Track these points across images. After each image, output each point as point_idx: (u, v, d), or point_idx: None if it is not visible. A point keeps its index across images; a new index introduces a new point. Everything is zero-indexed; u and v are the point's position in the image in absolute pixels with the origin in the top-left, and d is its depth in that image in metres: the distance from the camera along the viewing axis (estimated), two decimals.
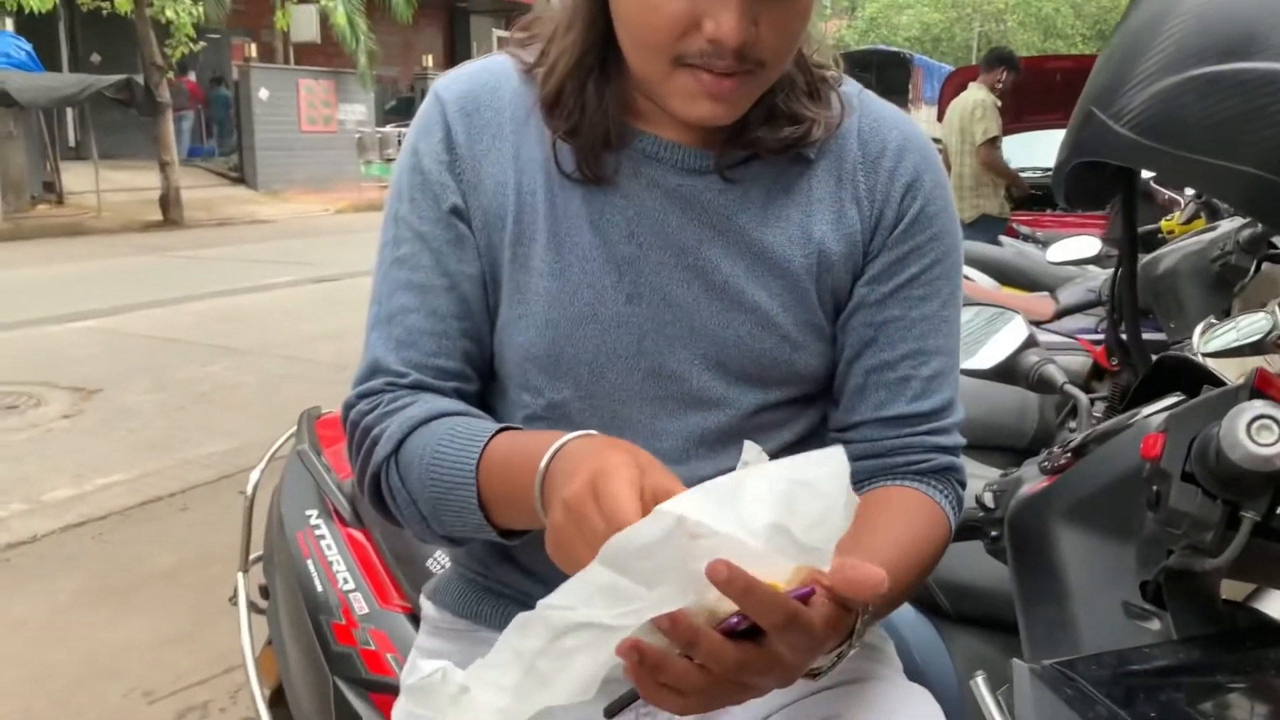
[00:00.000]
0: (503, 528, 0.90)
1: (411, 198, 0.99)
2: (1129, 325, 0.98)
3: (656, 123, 0.97)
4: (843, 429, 1.02)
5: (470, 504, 0.89)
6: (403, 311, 0.98)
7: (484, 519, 0.89)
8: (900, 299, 0.98)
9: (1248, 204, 0.69)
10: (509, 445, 0.88)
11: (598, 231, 0.96)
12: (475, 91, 1.00)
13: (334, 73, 19.25)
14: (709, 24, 0.83)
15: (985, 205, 6.41)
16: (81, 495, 4.30)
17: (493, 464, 0.88)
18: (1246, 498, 0.75)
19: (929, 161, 1.00)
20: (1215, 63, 0.67)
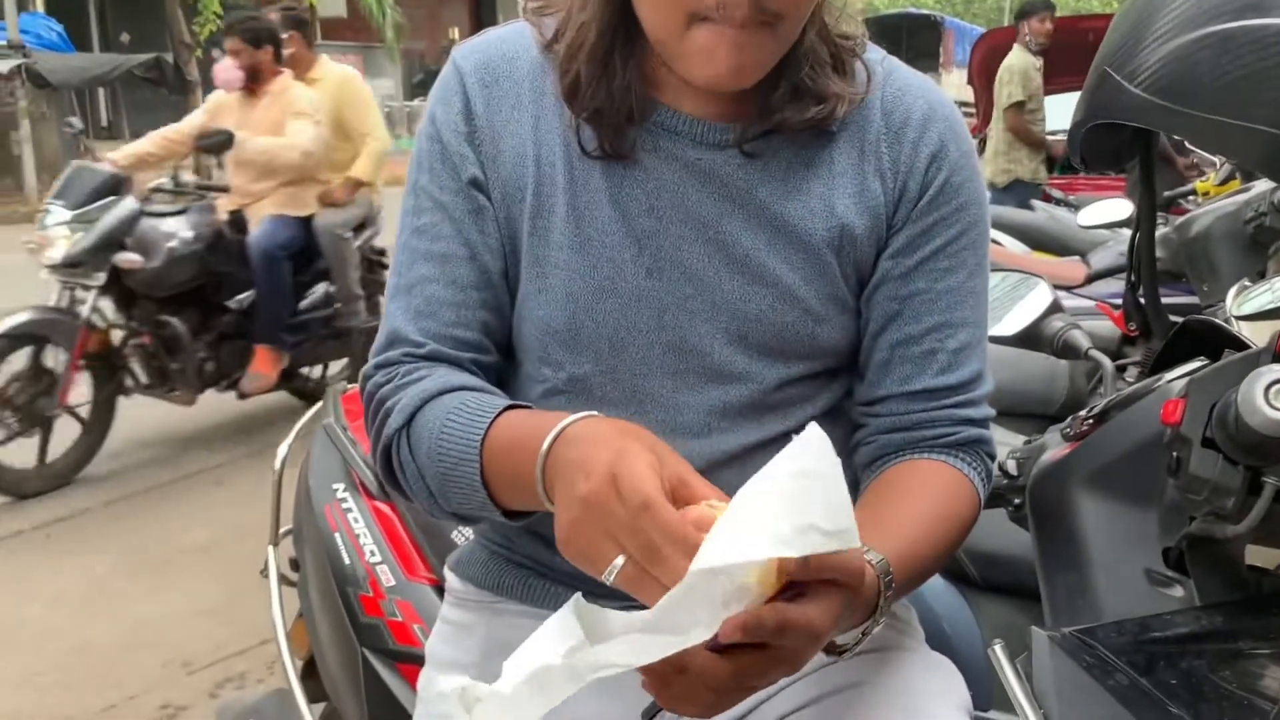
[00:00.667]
0: (506, 508, 0.89)
1: (431, 168, 0.99)
2: (1147, 289, 0.97)
3: (677, 96, 0.95)
4: (869, 403, 1.01)
5: (474, 482, 0.88)
6: (422, 281, 0.98)
7: (487, 498, 0.88)
8: (926, 271, 0.97)
9: (1265, 164, 0.67)
10: (513, 425, 0.87)
11: (617, 205, 0.95)
12: (494, 62, 0.99)
13: (361, 47, 19.25)
14: None
15: (1018, 170, 6.33)
16: (117, 471, 4.37)
17: (497, 443, 0.87)
18: (1268, 463, 0.74)
19: (954, 131, 0.97)
20: (1230, 19, 0.66)
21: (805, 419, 0.99)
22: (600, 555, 0.72)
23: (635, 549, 0.70)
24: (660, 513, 0.68)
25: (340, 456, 1.69)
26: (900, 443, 0.99)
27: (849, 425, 1.04)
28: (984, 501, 0.99)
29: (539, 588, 1.07)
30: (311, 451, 1.77)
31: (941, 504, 0.94)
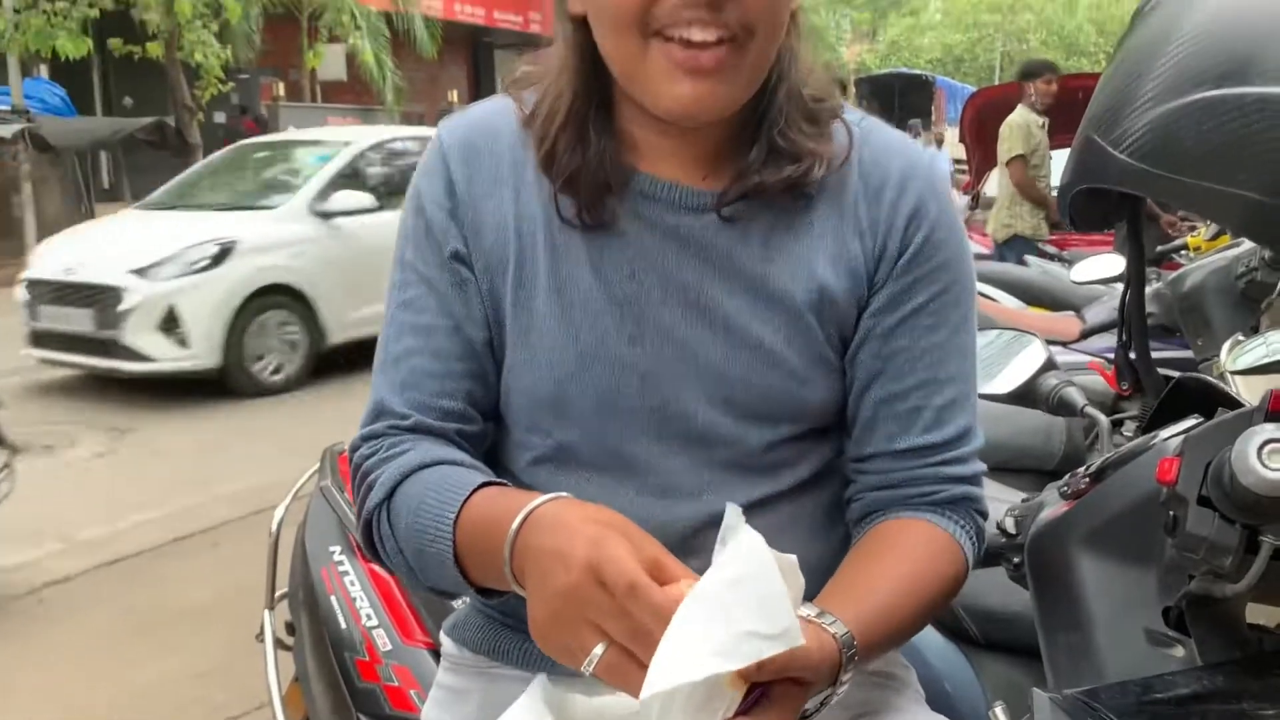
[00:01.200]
0: (479, 585, 0.89)
1: (416, 242, 1.00)
2: (1138, 349, 0.98)
3: (654, 161, 0.97)
4: (857, 460, 1.01)
5: (447, 560, 0.88)
6: (407, 354, 0.99)
7: (460, 576, 0.88)
8: (908, 329, 0.97)
9: (1248, 228, 0.68)
10: (485, 504, 0.88)
11: (598, 273, 0.96)
12: (476, 137, 1.00)
13: (361, 109, 19.47)
14: None
15: (1018, 225, 6.38)
16: (114, 533, 4.34)
17: (469, 521, 0.87)
18: (1264, 521, 0.74)
19: (933, 189, 0.98)
20: (1212, 87, 0.67)
21: (796, 480, 1.00)
22: (581, 645, 0.73)
23: (623, 634, 0.71)
24: (648, 594, 0.69)
25: (337, 519, 1.69)
26: (888, 500, 0.99)
27: (841, 483, 1.04)
28: (975, 559, 0.99)
29: (534, 652, 1.06)
30: (308, 514, 1.76)
31: (921, 564, 0.94)
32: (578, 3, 0.91)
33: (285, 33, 18.32)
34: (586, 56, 0.93)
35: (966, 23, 36.54)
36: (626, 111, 0.96)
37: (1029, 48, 35.85)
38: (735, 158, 0.95)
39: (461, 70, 25.60)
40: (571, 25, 0.93)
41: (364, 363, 1.11)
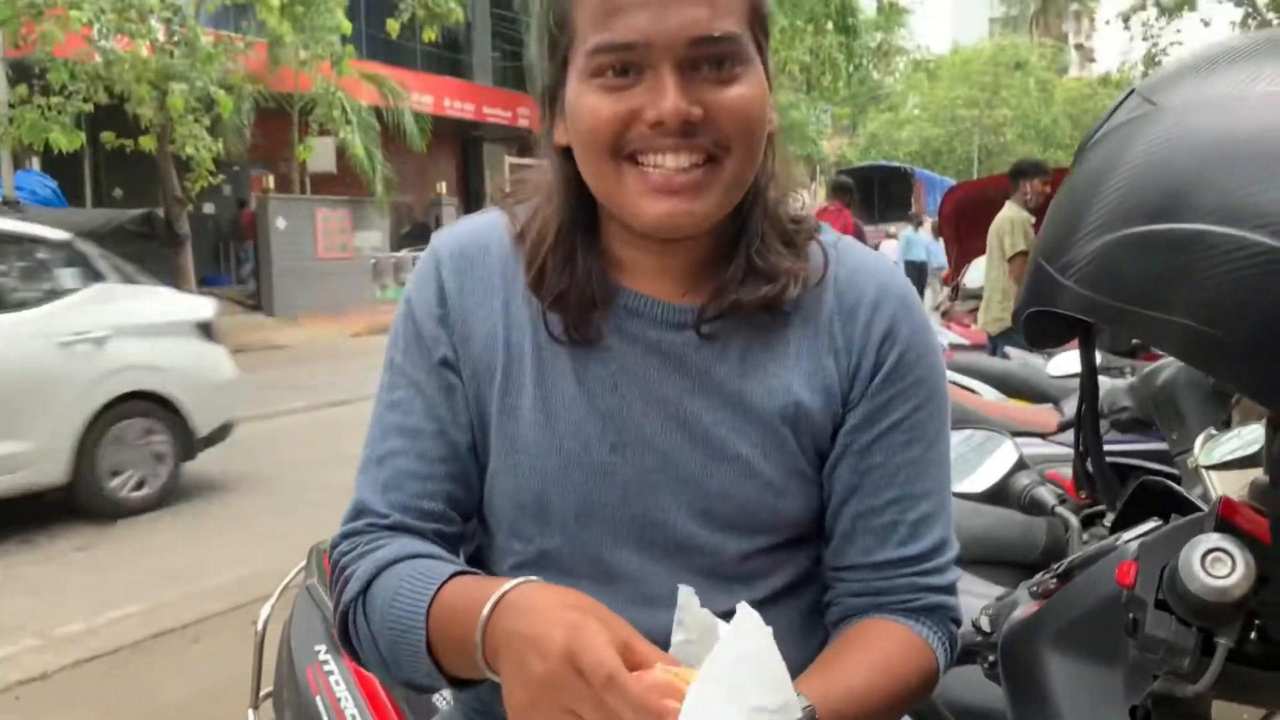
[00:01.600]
0: (452, 675, 0.91)
1: (406, 346, 1.04)
2: (1093, 455, 1.02)
3: (637, 278, 1.01)
4: (835, 569, 1.04)
5: (420, 649, 0.90)
6: (392, 455, 1.02)
7: (433, 666, 0.90)
8: (883, 446, 1.01)
9: (1185, 353, 0.73)
10: (458, 592, 0.90)
11: (582, 384, 1.00)
12: (469, 250, 1.05)
13: (350, 201, 19.73)
14: (649, 111, 0.88)
15: (1010, 319, 6.48)
16: (93, 629, 4.29)
17: (442, 609, 0.89)
18: (1218, 625, 0.77)
19: (906, 309, 1.02)
20: (1147, 223, 0.73)
21: (772, 590, 1.03)
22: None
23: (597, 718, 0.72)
24: (626, 685, 0.71)
25: (322, 617, 1.69)
26: (865, 606, 1.02)
27: (818, 590, 1.07)
28: (947, 664, 1.02)
29: None
30: (294, 612, 1.77)
31: (894, 658, 0.97)
32: (563, 134, 0.97)
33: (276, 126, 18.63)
34: (573, 183, 0.98)
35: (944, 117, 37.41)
36: (611, 231, 1.01)
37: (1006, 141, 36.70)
38: (714, 274, 0.99)
39: (450, 163, 26.01)
40: (558, 154, 0.98)
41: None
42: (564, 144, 0.97)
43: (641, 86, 0.89)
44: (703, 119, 0.89)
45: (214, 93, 13.57)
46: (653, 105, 0.88)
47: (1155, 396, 2.51)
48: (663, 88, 0.88)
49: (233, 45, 14.49)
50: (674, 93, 0.87)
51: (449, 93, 23.61)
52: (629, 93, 0.89)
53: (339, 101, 16.88)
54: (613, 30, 0.88)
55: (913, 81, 41.75)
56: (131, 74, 13.08)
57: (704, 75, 0.89)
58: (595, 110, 0.90)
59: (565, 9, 0.93)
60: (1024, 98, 37.46)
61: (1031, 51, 40.55)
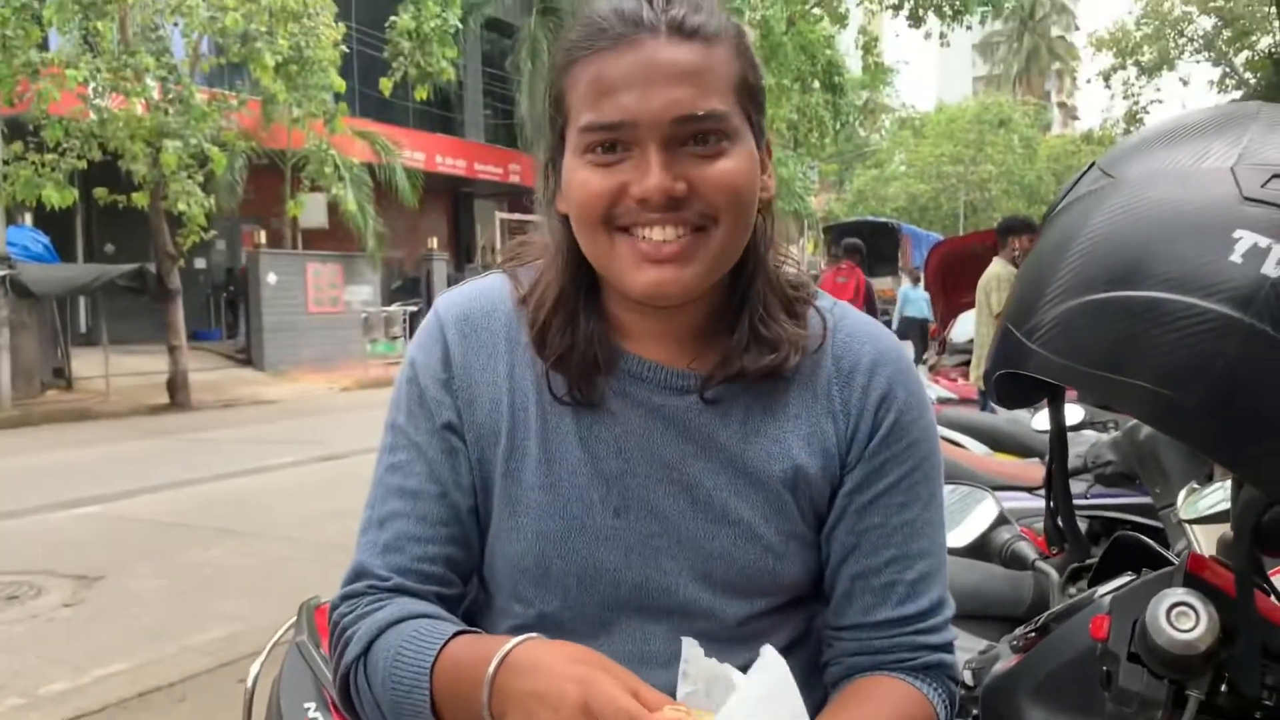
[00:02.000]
0: None
1: (409, 409, 1.06)
2: (1063, 513, 1.05)
3: (640, 343, 1.03)
4: (834, 629, 1.06)
5: (424, 710, 0.91)
6: (393, 516, 1.03)
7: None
8: (880, 507, 1.03)
9: (1144, 413, 0.76)
10: (460, 651, 0.91)
11: (586, 448, 1.02)
12: (473, 314, 1.07)
13: (342, 256, 19.83)
14: (634, 187, 0.92)
15: None
16: (79, 688, 4.24)
17: (445, 668, 0.91)
18: (1189, 677, 0.80)
19: (902, 374, 1.05)
20: (1104, 290, 0.77)
21: None
22: None
23: None
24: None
25: (312, 675, 1.69)
26: (866, 664, 1.03)
27: (815, 650, 1.08)
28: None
29: None
30: (283, 669, 1.77)
31: (895, 713, 0.98)
32: (564, 204, 1.00)
33: (268, 182, 18.78)
34: (573, 248, 1.01)
35: (930, 173, 37.87)
36: (612, 295, 1.03)
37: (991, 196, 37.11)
38: (717, 341, 1.02)
39: (441, 218, 26.20)
40: (560, 221, 1.02)
41: None
42: (564, 212, 1.00)
43: (629, 163, 0.93)
44: (688, 192, 0.92)
45: (208, 149, 13.69)
46: (638, 182, 0.92)
47: (1138, 450, 2.53)
48: (647, 165, 0.91)
49: (227, 103, 14.65)
50: (658, 170, 0.91)
51: (440, 149, 23.85)
52: (617, 168, 0.93)
53: (331, 158, 17.05)
54: (601, 110, 0.92)
55: (899, 139, 42.35)
56: (126, 131, 13.20)
57: (689, 151, 0.93)
58: (586, 184, 0.94)
59: (561, 88, 0.97)
60: (1008, 154, 37.98)
61: (1015, 109, 41.21)
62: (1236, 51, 27.56)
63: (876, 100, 41.33)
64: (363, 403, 14.72)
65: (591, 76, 0.94)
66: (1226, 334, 0.70)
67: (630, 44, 0.93)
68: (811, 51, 22.19)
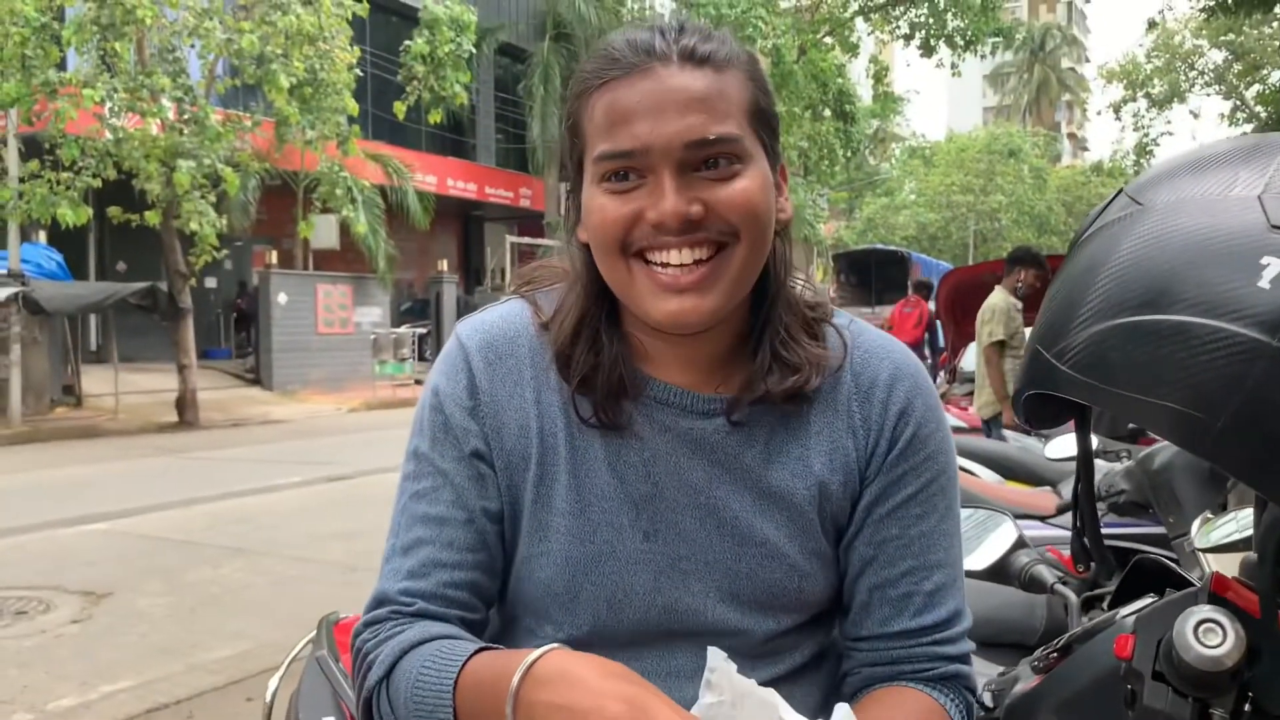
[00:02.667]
0: None
1: (433, 437, 1.06)
2: (1090, 533, 1.06)
3: (665, 369, 1.05)
4: (853, 640, 1.08)
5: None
6: (418, 544, 1.04)
7: None
8: (898, 518, 1.04)
9: (1173, 434, 0.78)
10: (483, 666, 0.91)
11: (615, 473, 1.03)
12: (497, 341, 1.07)
13: (352, 277, 19.92)
14: (650, 212, 0.93)
15: (1000, 404, 6.53)
16: (87, 704, 4.24)
17: (468, 685, 0.91)
18: (1213, 695, 0.81)
19: (919, 387, 1.07)
20: (1134, 314, 0.79)
21: (795, 664, 1.06)
22: None
23: None
24: None
25: (331, 689, 1.70)
26: (884, 675, 1.05)
27: (837, 663, 1.10)
28: None
29: None
30: (302, 683, 1.78)
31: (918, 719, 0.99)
32: (584, 233, 1.01)
33: (280, 203, 18.89)
34: (595, 277, 1.02)
35: (940, 202, 37.96)
36: (634, 321, 1.04)
37: (1000, 226, 37.17)
38: (740, 365, 1.03)
39: (452, 241, 26.32)
40: (580, 250, 1.03)
41: None
42: (585, 241, 1.01)
43: (644, 189, 0.94)
44: (705, 214, 0.94)
45: (221, 170, 13.80)
46: (653, 207, 0.93)
47: (1152, 480, 2.54)
48: (661, 191, 0.93)
49: (241, 124, 14.78)
50: (671, 195, 0.92)
51: (452, 173, 24.00)
52: (633, 195, 0.95)
53: (344, 180, 17.16)
54: (615, 139, 0.94)
55: (909, 167, 42.49)
56: (141, 151, 13.32)
57: (704, 175, 0.94)
58: (603, 211, 0.96)
59: (578, 118, 0.99)
60: (1018, 184, 38.07)
61: (1025, 139, 41.34)
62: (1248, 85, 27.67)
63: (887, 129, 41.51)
64: (371, 424, 14.75)
65: (606, 106, 0.95)
66: (1254, 357, 0.72)
67: (643, 73, 0.94)
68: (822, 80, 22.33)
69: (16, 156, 13.53)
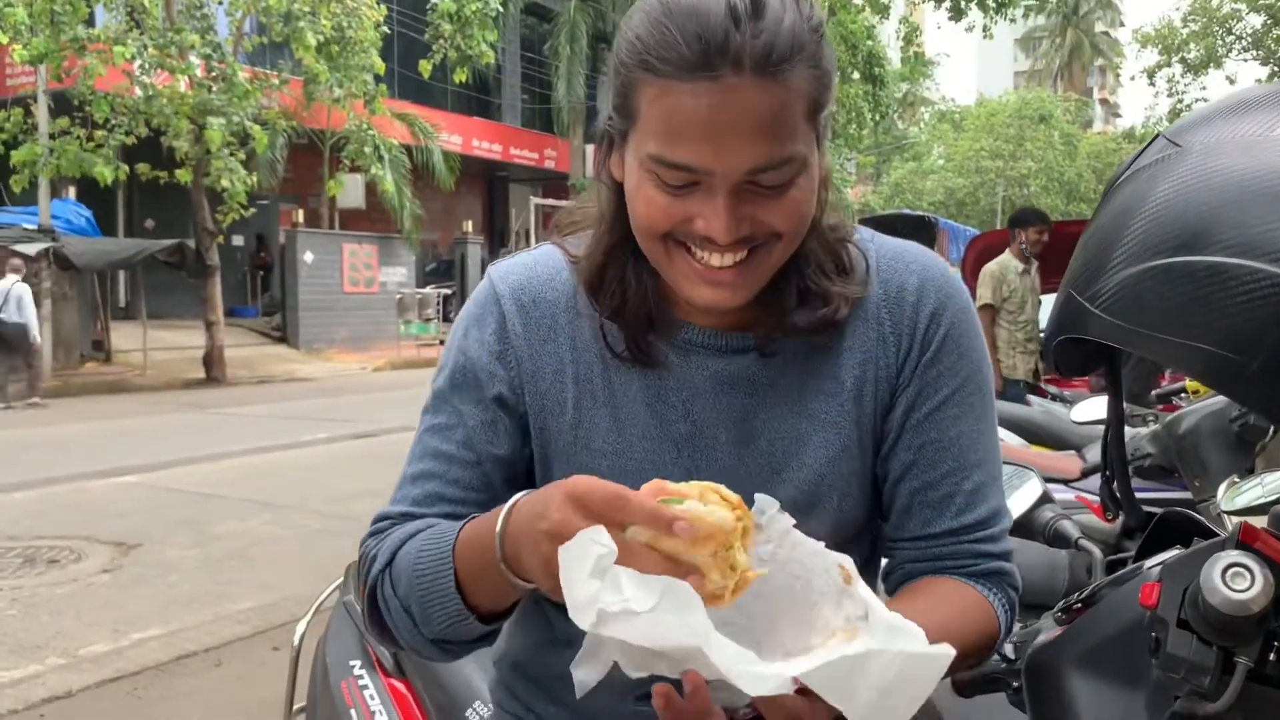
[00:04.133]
0: (482, 610, 0.94)
1: (454, 376, 1.07)
2: (1119, 481, 1.06)
3: (694, 310, 1.03)
4: (894, 541, 1.08)
5: (450, 590, 0.93)
6: (426, 476, 1.05)
7: (462, 603, 0.93)
8: (935, 421, 1.04)
9: (1207, 376, 0.77)
10: (474, 525, 0.94)
11: (655, 413, 1.04)
12: (531, 284, 1.07)
13: (378, 237, 19.97)
14: (699, 223, 0.90)
15: (1010, 370, 6.51)
16: (118, 650, 4.33)
17: (463, 546, 0.93)
18: (1238, 643, 0.81)
19: (949, 288, 1.06)
20: (1170, 255, 0.78)
21: None
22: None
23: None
24: (635, 499, 0.77)
25: (358, 633, 1.73)
26: (926, 570, 1.05)
27: (872, 579, 1.10)
28: (1007, 626, 1.05)
29: None
30: (330, 627, 1.81)
31: (962, 610, 1.00)
32: (619, 169, 0.98)
33: (307, 161, 18.93)
34: (623, 215, 1.00)
35: (968, 168, 37.52)
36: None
37: (1030, 193, 36.75)
38: (770, 302, 1.02)
39: (477, 202, 26.30)
40: (611, 186, 1.01)
41: None
42: (620, 178, 0.99)
43: (697, 197, 0.91)
44: (752, 230, 0.92)
45: (249, 127, 13.82)
46: (705, 220, 0.90)
47: (1178, 444, 2.52)
48: (716, 208, 0.89)
49: (269, 82, 14.78)
50: (725, 215, 0.89)
51: (477, 133, 23.94)
52: (684, 200, 0.91)
53: (371, 139, 17.15)
54: (674, 149, 0.88)
55: (937, 132, 42.00)
56: (170, 108, 13.35)
57: (758, 189, 0.91)
58: (651, 201, 0.92)
59: (631, 86, 0.91)
60: (1048, 150, 37.56)
61: (1056, 105, 40.72)
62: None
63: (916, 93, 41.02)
64: (395, 383, 14.84)
65: (665, 109, 0.88)
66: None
67: (709, 82, 0.85)
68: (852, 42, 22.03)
69: (46, 113, 13.59)
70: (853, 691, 0.74)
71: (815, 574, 0.84)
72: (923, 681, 0.77)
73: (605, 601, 0.72)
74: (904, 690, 0.76)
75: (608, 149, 1.00)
